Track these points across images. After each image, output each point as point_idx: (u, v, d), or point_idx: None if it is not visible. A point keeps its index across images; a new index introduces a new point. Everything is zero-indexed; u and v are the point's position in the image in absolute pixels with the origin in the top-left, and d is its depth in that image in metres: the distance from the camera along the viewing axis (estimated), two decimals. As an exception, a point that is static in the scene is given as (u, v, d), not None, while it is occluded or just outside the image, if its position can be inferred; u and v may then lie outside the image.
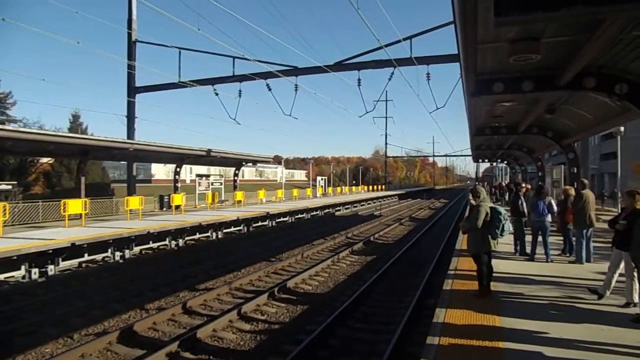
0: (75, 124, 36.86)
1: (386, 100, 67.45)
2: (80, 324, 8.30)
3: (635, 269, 5.78)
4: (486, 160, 44.20)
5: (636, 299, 5.85)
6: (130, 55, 26.73)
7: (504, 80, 8.74)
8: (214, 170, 42.61)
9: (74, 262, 13.46)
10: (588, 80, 8.21)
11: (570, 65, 7.49)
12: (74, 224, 16.75)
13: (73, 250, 13.03)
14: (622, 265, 6.26)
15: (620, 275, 6.37)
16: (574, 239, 9.69)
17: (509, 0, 3.40)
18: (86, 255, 13.75)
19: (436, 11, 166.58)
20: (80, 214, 17.39)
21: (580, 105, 11.96)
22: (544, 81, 8.64)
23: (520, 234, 10.37)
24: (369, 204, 44.41)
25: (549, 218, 9.72)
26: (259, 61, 21.83)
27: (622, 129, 19.22)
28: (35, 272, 12.05)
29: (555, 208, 9.87)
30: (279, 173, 77.52)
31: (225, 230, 20.83)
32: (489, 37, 6.61)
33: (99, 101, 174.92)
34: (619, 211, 7.27)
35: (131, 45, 26.81)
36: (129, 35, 26.54)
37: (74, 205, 17.01)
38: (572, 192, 9.89)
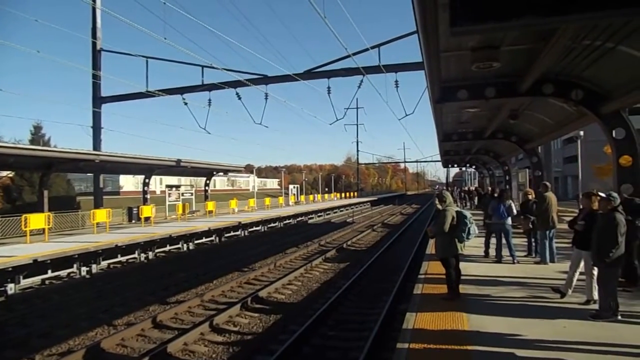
0: (37, 136, 35.51)
1: (357, 108, 68.07)
2: (42, 344, 7.95)
3: (594, 267, 6.01)
4: (455, 166, 45.19)
5: (595, 296, 6.07)
6: (95, 65, 26.04)
7: (467, 87, 9.02)
8: (184, 180, 41.78)
9: (36, 280, 12.90)
10: (546, 87, 8.58)
11: (529, 72, 7.81)
12: (36, 240, 16.10)
13: (35, 267, 12.49)
14: (582, 264, 6.51)
15: (581, 274, 6.62)
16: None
17: (464, 12, 3.54)
18: (49, 271, 13.21)
19: (403, 20, 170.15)
20: (44, 229, 16.75)
21: (541, 111, 12.43)
22: (506, 88, 8.98)
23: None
24: (341, 211, 44.59)
25: (509, 221, 10.00)
26: (228, 70, 21.70)
27: (581, 133, 20.05)
28: (-6, 292, 11.50)
29: (515, 211, 10.22)
30: (251, 182, 76.94)
31: (196, 242, 20.45)
32: (451, 46, 6.83)
33: (62, 112, 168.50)
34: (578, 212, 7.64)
35: (96, 54, 26.13)
36: (94, 44, 25.90)
37: (36, 220, 16.35)
38: (532, 194, 10.27)
